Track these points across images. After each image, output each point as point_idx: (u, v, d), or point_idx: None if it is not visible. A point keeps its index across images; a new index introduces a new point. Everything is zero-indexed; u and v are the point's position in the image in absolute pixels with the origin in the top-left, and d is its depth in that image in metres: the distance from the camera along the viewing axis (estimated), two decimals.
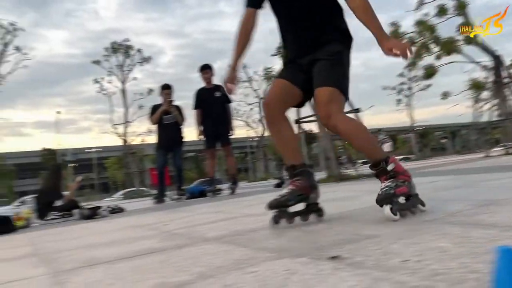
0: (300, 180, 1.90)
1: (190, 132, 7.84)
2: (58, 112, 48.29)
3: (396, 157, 1.88)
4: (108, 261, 1.63)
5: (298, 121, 7.51)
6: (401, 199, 1.76)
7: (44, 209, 5.28)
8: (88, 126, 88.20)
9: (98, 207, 5.14)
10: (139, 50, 32.81)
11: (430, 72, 17.27)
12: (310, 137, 8.85)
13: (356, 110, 7.20)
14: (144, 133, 33.36)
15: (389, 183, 1.73)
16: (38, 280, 1.50)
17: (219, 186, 7.20)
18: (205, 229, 2.31)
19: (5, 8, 64.86)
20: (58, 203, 5.58)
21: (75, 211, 5.23)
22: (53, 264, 1.81)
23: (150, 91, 32.81)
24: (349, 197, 3.31)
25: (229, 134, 6.88)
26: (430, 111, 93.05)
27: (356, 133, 1.82)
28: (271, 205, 1.88)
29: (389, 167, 1.77)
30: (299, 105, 2.05)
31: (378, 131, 20.87)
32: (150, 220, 3.63)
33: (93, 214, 4.92)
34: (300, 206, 1.93)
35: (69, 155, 44.17)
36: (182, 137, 7.05)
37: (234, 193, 6.72)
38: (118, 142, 34.80)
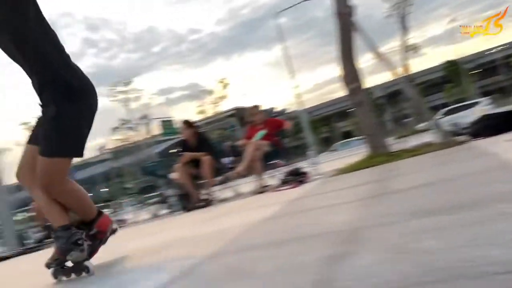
0: (56, 245, 2.07)
1: None
2: (452, 21, 46.11)
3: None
4: None
5: None
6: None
7: None
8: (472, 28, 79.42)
9: None
10: None
11: None
12: None
13: None
14: None
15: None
16: None
17: None
18: None
19: None
20: None
21: None
22: None
23: None
24: None
25: None
26: None
27: (75, 202, 2.05)
28: (46, 265, 2.14)
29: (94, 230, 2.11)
30: None
31: None
32: None
33: None
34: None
35: (469, 63, 42.79)
36: None
37: None
38: None
